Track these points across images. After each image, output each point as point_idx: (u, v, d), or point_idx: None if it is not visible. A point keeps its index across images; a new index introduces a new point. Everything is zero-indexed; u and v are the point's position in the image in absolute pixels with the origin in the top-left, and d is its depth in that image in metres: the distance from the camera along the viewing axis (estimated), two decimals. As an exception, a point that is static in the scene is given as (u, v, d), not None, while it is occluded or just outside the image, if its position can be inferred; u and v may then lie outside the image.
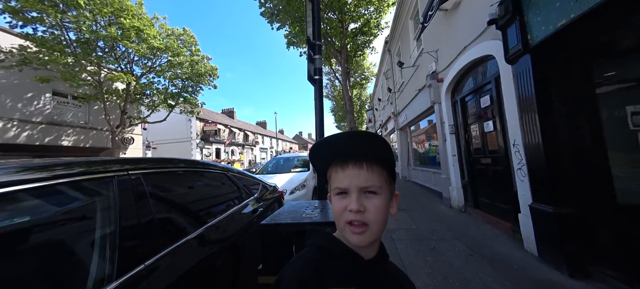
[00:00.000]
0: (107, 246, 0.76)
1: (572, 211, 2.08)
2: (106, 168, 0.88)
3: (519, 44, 2.38)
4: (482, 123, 3.65)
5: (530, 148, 2.40)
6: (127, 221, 0.85)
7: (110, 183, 0.87)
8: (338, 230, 0.45)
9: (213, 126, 21.75)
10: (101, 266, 0.73)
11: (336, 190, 0.43)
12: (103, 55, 8.23)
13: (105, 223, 0.80)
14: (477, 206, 3.93)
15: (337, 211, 0.42)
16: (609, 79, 2.09)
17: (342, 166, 0.43)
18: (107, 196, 0.84)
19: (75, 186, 0.78)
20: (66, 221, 0.74)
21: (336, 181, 0.43)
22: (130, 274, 0.76)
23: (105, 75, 8.53)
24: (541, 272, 2.11)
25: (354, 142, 0.44)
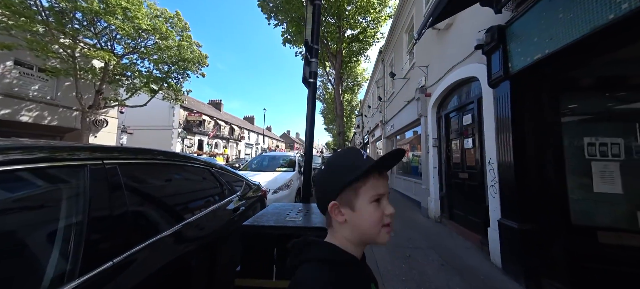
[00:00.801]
0: (71, 239, 0.70)
1: (533, 228, 2.27)
2: (77, 155, 0.81)
3: (501, 70, 2.56)
4: (462, 140, 3.87)
5: (503, 167, 2.58)
6: (98, 214, 0.79)
7: (81, 172, 0.81)
8: (370, 235, 0.46)
9: (198, 116, 20.89)
10: (62, 261, 0.67)
11: (374, 197, 0.46)
12: (80, 29, 7.57)
13: (71, 214, 0.74)
14: (451, 217, 4.14)
15: (378, 217, 0.45)
16: (572, 111, 2.33)
17: (382, 174, 0.48)
18: (76, 185, 0.78)
19: (42, 172, 0.72)
20: (22, 209, 0.67)
21: (376, 188, 0.46)
22: (95, 272, 0.71)
23: (80, 50, 7.87)
24: (503, 283, 2.27)
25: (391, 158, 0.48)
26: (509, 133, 2.50)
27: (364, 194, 0.46)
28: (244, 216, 1.79)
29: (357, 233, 0.46)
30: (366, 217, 0.45)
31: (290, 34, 9.28)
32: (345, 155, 0.50)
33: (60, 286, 0.63)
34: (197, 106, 22.56)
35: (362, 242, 0.47)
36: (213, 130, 23.35)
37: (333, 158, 0.52)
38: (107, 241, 0.80)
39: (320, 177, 0.51)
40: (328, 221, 0.50)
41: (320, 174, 0.52)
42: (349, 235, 0.47)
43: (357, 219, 0.45)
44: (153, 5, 9.00)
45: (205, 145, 22.41)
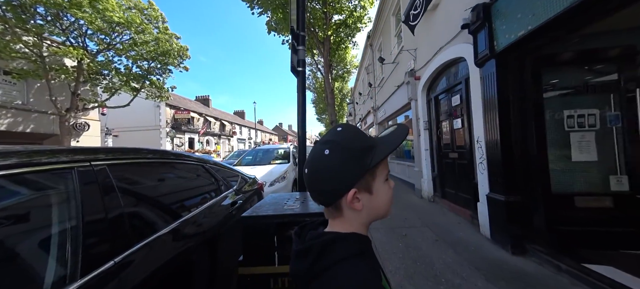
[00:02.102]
0: (67, 243, 0.70)
1: (517, 200, 2.41)
2: (60, 158, 0.79)
3: (487, 49, 2.60)
4: (452, 121, 3.96)
5: (490, 144, 2.69)
6: (92, 216, 0.78)
7: (68, 175, 0.79)
8: (383, 214, 0.46)
9: (185, 114, 20.27)
10: (61, 264, 0.67)
11: (386, 175, 0.46)
12: (44, 25, 6.92)
13: (64, 218, 0.73)
14: (444, 196, 4.31)
15: (391, 195, 0.46)
16: (553, 86, 2.42)
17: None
18: (65, 189, 0.76)
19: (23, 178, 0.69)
20: (11, 218, 0.66)
21: (386, 167, 0.47)
22: (97, 272, 0.71)
23: (48, 49, 7.29)
24: (491, 252, 2.43)
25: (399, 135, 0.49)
26: (495, 111, 2.58)
27: (380, 175, 0.44)
28: (241, 210, 1.80)
29: (373, 215, 0.45)
30: (383, 197, 0.45)
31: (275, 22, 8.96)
32: (355, 136, 0.44)
33: (61, 287, 0.64)
34: (183, 103, 21.84)
35: (372, 221, 0.47)
36: (203, 127, 22.80)
37: (342, 140, 0.43)
38: (106, 242, 0.79)
39: (330, 165, 0.42)
40: (336, 211, 0.44)
41: (328, 161, 0.42)
42: (365, 219, 0.45)
43: (375, 201, 0.44)
44: None
45: (196, 143, 21.94)
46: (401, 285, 1.95)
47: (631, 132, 2.19)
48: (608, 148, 2.26)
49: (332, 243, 0.41)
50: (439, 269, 2.16)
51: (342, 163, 0.41)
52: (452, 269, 2.15)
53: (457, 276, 2.03)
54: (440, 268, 2.17)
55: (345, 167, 0.41)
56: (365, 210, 0.43)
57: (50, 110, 8.08)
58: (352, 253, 0.40)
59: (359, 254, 0.40)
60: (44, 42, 7.19)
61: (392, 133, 0.48)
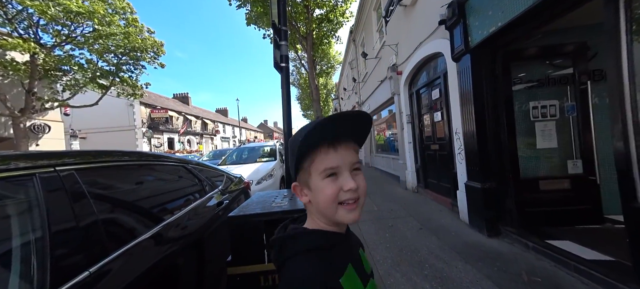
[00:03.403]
0: (32, 256, 0.64)
1: (492, 186, 2.60)
2: (16, 165, 0.71)
3: (462, 44, 2.74)
4: (432, 114, 4.14)
5: (467, 135, 2.85)
6: (60, 226, 0.72)
7: (28, 183, 0.71)
8: (324, 216, 0.43)
9: (163, 113, 19.14)
10: (25, 280, 0.61)
11: (327, 172, 0.41)
12: None
13: (27, 230, 0.66)
14: (426, 186, 4.53)
15: (330, 194, 0.41)
16: (520, 79, 2.62)
17: (333, 146, 0.42)
18: (26, 198, 0.69)
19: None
20: None
21: (326, 162, 0.41)
22: (70, 284, 0.66)
23: None
24: (469, 235, 2.61)
25: (345, 123, 0.43)
26: (471, 103, 2.73)
27: (314, 171, 0.42)
28: (228, 210, 1.75)
29: (320, 212, 0.43)
30: (320, 194, 0.41)
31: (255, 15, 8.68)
32: (298, 132, 0.44)
33: None
34: (160, 101, 20.57)
35: (328, 221, 0.44)
36: (183, 127, 21.70)
37: (291, 137, 0.48)
38: (79, 252, 0.73)
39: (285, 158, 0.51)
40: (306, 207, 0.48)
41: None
42: (320, 216, 0.44)
43: (315, 198, 0.43)
44: None
45: (177, 143, 20.85)
46: (389, 273, 2.03)
47: (584, 120, 2.45)
48: (566, 136, 2.52)
49: (293, 237, 0.44)
50: (424, 255, 2.28)
51: (287, 159, 0.49)
52: (435, 254, 2.28)
53: (439, 261, 2.16)
54: (425, 254, 2.29)
55: (289, 163, 0.47)
56: (313, 206, 0.44)
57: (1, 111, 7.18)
58: (307, 248, 0.42)
59: (315, 250, 0.42)
60: None
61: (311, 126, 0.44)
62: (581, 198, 2.43)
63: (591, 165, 2.45)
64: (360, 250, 0.51)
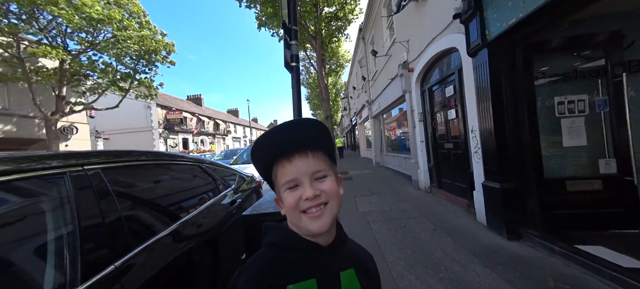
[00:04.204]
0: (64, 249, 0.68)
1: (512, 187, 2.48)
2: (49, 164, 0.75)
3: (479, 38, 2.62)
4: (446, 112, 4.00)
5: (485, 133, 2.73)
6: (89, 221, 0.76)
7: (60, 181, 0.76)
8: (293, 224, 0.44)
9: (178, 114, 19.86)
10: (59, 271, 0.65)
11: (287, 184, 0.41)
12: (19, 24, 6.56)
13: (60, 225, 0.70)
14: (440, 186, 4.39)
15: (290, 205, 0.41)
16: (543, 73, 2.47)
17: (288, 159, 0.42)
18: (58, 195, 0.73)
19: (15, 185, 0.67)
20: (4, 227, 0.63)
21: (284, 175, 0.42)
22: (98, 277, 0.70)
23: (25, 49, 6.94)
24: (487, 238, 2.50)
25: (295, 132, 0.43)
26: (488, 100, 2.61)
27: (279, 186, 0.43)
28: (241, 209, 1.78)
29: (291, 225, 0.44)
30: (285, 206, 0.42)
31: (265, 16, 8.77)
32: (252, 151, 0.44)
33: None
34: (175, 103, 21.38)
35: (302, 232, 0.43)
36: (196, 127, 22.43)
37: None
38: (105, 246, 0.77)
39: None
40: None
41: None
42: (291, 224, 0.44)
43: (285, 209, 0.43)
44: None
45: (191, 143, 21.59)
46: (402, 275, 1.99)
47: (618, 115, 2.26)
48: (597, 133, 2.34)
49: (266, 230, 0.46)
50: (438, 257, 2.21)
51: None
52: (451, 256, 2.20)
53: (456, 263, 2.08)
54: (440, 257, 2.22)
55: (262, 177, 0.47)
56: (287, 215, 0.44)
57: (34, 113, 7.76)
58: (270, 242, 0.44)
59: (275, 245, 0.43)
60: (21, 43, 6.85)
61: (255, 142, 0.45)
62: (615, 201, 2.24)
63: (627, 164, 2.25)
64: (347, 272, 0.43)
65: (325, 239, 0.44)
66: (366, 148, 13.99)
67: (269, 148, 0.43)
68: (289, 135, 0.43)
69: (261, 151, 0.44)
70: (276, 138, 0.43)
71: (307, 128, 0.44)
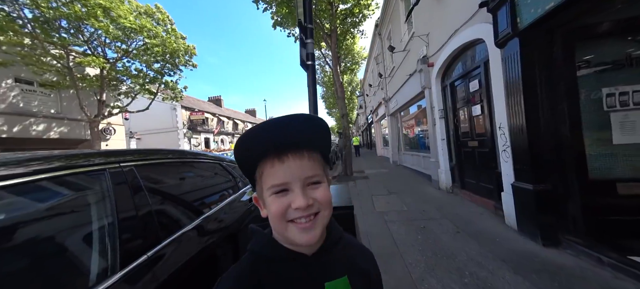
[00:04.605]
0: (106, 238, 0.75)
1: (548, 188, 2.25)
2: (93, 161, 0.83)
3: (509, 27, 2.41)
4: (470, 108, 3.76)
5: (515, 130, 2.52)
6: (125, 214, 0.83)
7: (102, 176, 0.83)
8: (277, 232, 0.39)
9: (200, 115, 20.96)
10: (103, 257, 0.72)
11: (274, 189, 0.36)
12: (68, 37, 7.39)
13: (102, 216, 0.78)
14: (463, 187, 4.15)
15: (277, 212, 0.36)
16: (588, 62, 2.20)
17: (279, 158, 0.36)
18: (100, 189, 0.81)
19: (67, 180, 0.74)
20: (60, 215, 0.71)
21: (273, 177, 0.36)
22: (133, 265, 0.75)
23: (73, 59, 7.80)
24: (519, 243, 2.30)
25: (292, 128, 0.37)
26: (519, 94, 2.40)
27: (264, 187, 0.38)
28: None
29: (275, 232, 0.40)
30: (269, 213, 0.37)
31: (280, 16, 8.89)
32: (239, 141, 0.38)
33: (105, 279, 0.68)
34: (197, 104, 22.58)
35: (285, 242, 0.39)
36: (217, 127, 23.52)
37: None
38: (139, 238, 0.83)
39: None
40: None
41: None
42: (274, 230, 0.40)
43: (268, 214, 0.38)
44: (134, 2, 8.71)
45: (212, 142, 22.69)
46: (423, 278, 1.91)
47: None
48: (656, 128, 2.03)
49: (252, 233, 0.43)
50: (462, 261, 2.09)
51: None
52: (476, 261, 2.07)
53: (482, 269, 1.95)
54: (464, 260, 2.10)
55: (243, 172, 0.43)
56: (270, 221, 0.39)
57: (80, 116, 8.75)
58: (251, 249, 0.41)
59: (255, 253, 0.40)
60: (70, 54, 7.70)
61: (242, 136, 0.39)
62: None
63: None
64: (339, 281, 0.39)
65: (311, 248, 0.39)
66: (383, 147, 13.66)
67: (259, 142, 0.37)
68: (286, 130, 0.37)
69: (250, 144, 0.37)
70: (270, 131, 0.36)
71: (307, 124, 0.38)
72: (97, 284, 0.66)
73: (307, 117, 0.38)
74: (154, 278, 0.78)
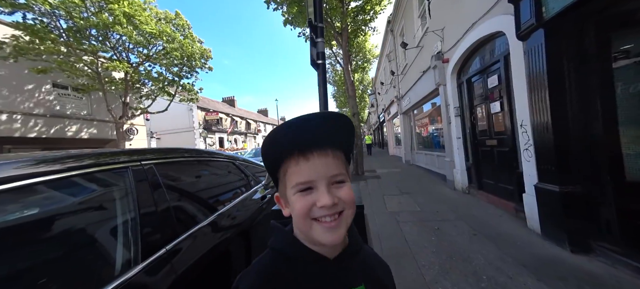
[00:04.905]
0: (129, 232, 0.80)
1: (578, 190, 2.09)
2: (118, 159, 0.89)
3: (533, 18, 2.26)
4: (488, 104, 3.58)
5: (539, 128, 2.36)
6: (146, 209, 0.88)
7: (125, 173, 0.89)
8: (300, 231, 0.39)
9: (214, 115, 21.69)
10: (127, 249, 0.77)
11: (299, 186, 0.36)
12: (97, 44, 8.01)
13: (126, 210, 0.83)
14: (481, 187, 3.96)
15: (302, 211, 0.36)
16: (626, 53, 2.00)
17: (304, 156, 0.36)
18: (123, 186, 0.86)
19: (96, 176, 0.80)
20: (90, 209, 0.77)
21: (298, 175, 0.36)
22: (154, 257, 0.80)
23: (101, 64, 8.40)
24: (543, 248, 2.16)
25: (318, 126, 0.38)
26: (544, 89, 2.25)
27: (288, 185, 0.38)
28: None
29: (298, 231, 0.39)
30: (293, 209, 0.37)
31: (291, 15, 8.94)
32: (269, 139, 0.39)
33: (128, 269, 0.73)
34: (212, 105, 23.37)
35: (309, 241, 0.39)
36: (230, 127, 24.21)
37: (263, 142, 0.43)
38: (158, 232, 0.88)
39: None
40: None
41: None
42: (296, 229, 0.40)
43: (292, 213, 0.38)
44: (154, 8, 9.18)
45: (226, 141, 23.41)
46: (436, 280, 1.85)
47: None
48: None
49: (272, 230, 0.43)
50: (479, 265, 2.00)
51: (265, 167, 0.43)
52: (494, 265, 1.97)
53: (501, 274, 1.86)
54: (481, 264, 2.01)
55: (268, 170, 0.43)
56: (293, 219, 0.39)
57: (107, 117, 9.45)
58: (272, 246, 0.40)
59: (277, 251, 0.40)
60: (99, 60, 8.31)
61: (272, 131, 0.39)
62: None
63: None
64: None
65: (333, 251, 0.39)
66: (395, 146, 13.37)
67: (285, 139, 0.37)
68: (312, 128, 0.37)
69: (276, 141, 0.38)
70: (296, 129, 0.37)
71: (333, 122, 0.38)
72: (122, 274, 0.71)
73: (332, 115, 0.38)
74: (172, 270, 0.83)
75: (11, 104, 7.64)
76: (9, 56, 6.69)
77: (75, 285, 0.64)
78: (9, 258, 0.57)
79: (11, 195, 0.60)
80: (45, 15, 6.85)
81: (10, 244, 0.58)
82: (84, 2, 7.08)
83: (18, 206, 0.62)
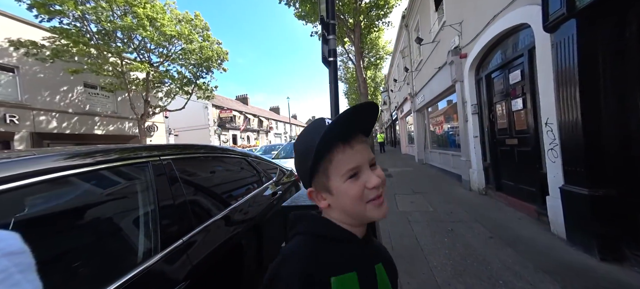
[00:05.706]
0: (149, 222, 0.85)
1: (611, 193, 1.93)
2: (140, 154, 0.94)
3: (563, 8, 2.09)
4: (509, 102, 3.38)
5: (566, 126, 2.20)
6: (164, 202, 0.92)
7: (146, 168, 0.94)
8: (357, 216, 0.41)
9: (228, 113, 22.30)
10: (148, 239, 0.82)
11: (349, 173, 0.39)
12: (122, 46, 8.53)
13: (147, 203, 0.88)
14: (499, 188, 3.77)
15: (356, 195, 0.39)
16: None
17: (350, 144, 0.40)
18: (144, 179, 0.92)
19: (120, 170, 0.86)
20: (115, 200, 0.83)
21: (345, 162, 0.39)
22: (171, 247, 0.84)
23: (125, 65, 8.92)
24: (568, 255, 2.02)
25: (361, 116, 0.42)
26: (574, 85, 2.08)
27: (334, 174, 0.40)
28: (281, 200, 1.89)
29: (348, 213, 0.41)
30: (344, 197, 0.39)
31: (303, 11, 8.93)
32: (305, 134, 0.43)
33: (149, 258, 0.78)
34: (226, 103, 24.04)
35: (356, 221, 0.42)
36: (243, 124, 24.80)
37: (297, 140, 0.46)
38: (175, 224, 0.93)
39: (295, 163, 0.47)
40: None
41: (294, 159, 0.47)
42: (339, 216, 0.42)
43: (338, 201, 0.41)
44: (175, 10, 9.55)
45: (239, 138, 24.03)
46: (448, 283, 1.79)
47: None
48: None
49: (298, 219, 0.44)
50: (495, 269, 1.91)
51: (296, 165, 0.46)
52: (512, 270, 1.88)
53: (519, 279, 1.77)
54: (497, 268, 1.92)
55: (298, 168, 0.45)
56: (335, 209, 0.42)
57: (131, 115, 10.07)
58: (307, 231, 0.42)
59: (313, 235, 0.41)
60: (123, 61, 8.85)
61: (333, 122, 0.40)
62: None
63: None
64: (378, 266, 0.43)
65: (362, 231, 0.44)
66: (408, 144, 13.04)
67: (333, 133, 0.39)
68: (353, 120, 0.40)
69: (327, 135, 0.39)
70: (338, 123, 0.39)
71: (372, 112, 0.42)
72: (143, 261, 0.76)
73: (373, 106, 0.42)
74: (188, 260, 0.87)
75: (50, 103, 8.43)
76: (48, 58, 7.34)
77: (103, 270, 0.69)
78: (49, 243, 0.63)
79: (49, 185, 0.66)
80: (77, 20, 7.40)
81: (52, 231, 0.64)
82: (111, 7, 7.53)
83: (55, 195, 0.68)
